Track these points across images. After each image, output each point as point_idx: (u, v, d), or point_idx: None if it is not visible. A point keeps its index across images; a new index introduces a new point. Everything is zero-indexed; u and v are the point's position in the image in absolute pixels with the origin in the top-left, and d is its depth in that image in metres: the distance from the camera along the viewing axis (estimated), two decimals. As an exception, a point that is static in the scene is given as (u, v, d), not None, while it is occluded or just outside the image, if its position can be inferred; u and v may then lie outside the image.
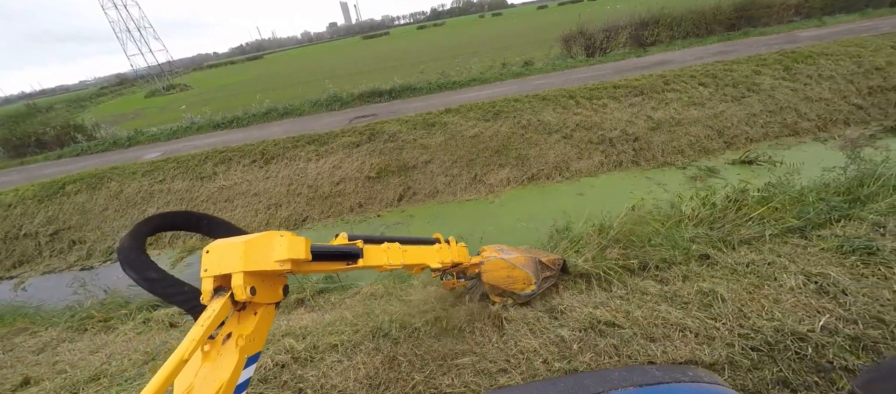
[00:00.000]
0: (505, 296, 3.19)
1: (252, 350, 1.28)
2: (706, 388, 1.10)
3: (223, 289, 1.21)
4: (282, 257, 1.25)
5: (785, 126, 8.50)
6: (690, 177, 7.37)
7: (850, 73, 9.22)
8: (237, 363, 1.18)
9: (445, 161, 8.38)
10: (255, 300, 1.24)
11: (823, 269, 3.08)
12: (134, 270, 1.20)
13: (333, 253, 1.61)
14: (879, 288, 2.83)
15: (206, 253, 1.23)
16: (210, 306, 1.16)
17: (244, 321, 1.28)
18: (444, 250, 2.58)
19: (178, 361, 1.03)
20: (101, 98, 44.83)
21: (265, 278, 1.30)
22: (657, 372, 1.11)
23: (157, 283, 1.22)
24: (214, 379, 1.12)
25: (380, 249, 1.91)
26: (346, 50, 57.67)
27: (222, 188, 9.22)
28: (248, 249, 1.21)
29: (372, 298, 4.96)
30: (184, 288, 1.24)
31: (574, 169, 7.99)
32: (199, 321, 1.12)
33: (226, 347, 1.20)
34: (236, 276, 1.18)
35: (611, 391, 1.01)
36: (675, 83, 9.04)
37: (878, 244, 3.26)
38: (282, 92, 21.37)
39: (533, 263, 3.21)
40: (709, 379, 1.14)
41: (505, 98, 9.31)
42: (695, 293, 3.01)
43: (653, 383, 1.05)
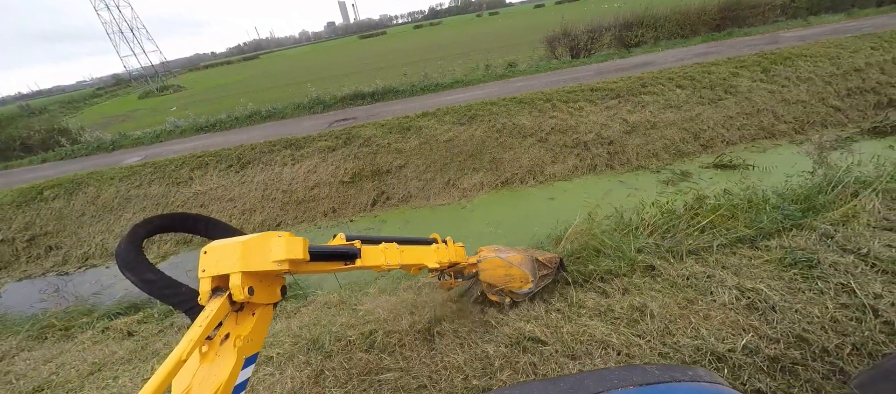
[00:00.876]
0: (502, 295, 3.21)
1: (250, 351, 1.28)
2: (706, 387, 1.11)
3: (221, 289, 1.21)
4: (280, 258, 1.25)
5: (762, 129, 8.46)
6: (663, 181, 7.33)
7: (829, 75, 9.17)
8: (235, 364, 1.18)
9: (420, 165, 8.34)
10: (253, 301, 1.24)
11: (759, 283, 3.04)
12: (131, 271, 1.21)
13: (331, 253, 1.60)
14: (812, 304, 2.80)
15: (204, 254, 1.23)
16: (208, 307, 1.16)
17: (242, 322, 1.28)
18: (441, 250, 2.58)
19: (176, 361, 1.03)
20: (95, 99, 44.72)
21: (263, 279, 1.30)
22: (657, 372, 1.11)
23: (154, 284, 1.22)
24: (212, 380, 1.12)
25: (377, 250, 1.91)
26: (340, 50, 57.57)
27: (198, 193, 9.17)
28: (246, 250, 1.21)
29: (325, 307, 4.93)
30: (181, 289, 1.25)
31: (548, 173, 7.95)
32: (197, 322, 1.12)
33: (224, 347, 1.20)
34: (234, 276, 1.18)
35: (611, 391, 1.01)
36: (653, 85, 8.99)
37: (820, 257, 3.23)
38: (272, 93, 21.32)
39: (530, 261, 3.23)
40: (709, 379, 1.15)
41: (481, 101, 9.26)
42: (627, 308, 2.97)
43: (653, 382, 1.06)
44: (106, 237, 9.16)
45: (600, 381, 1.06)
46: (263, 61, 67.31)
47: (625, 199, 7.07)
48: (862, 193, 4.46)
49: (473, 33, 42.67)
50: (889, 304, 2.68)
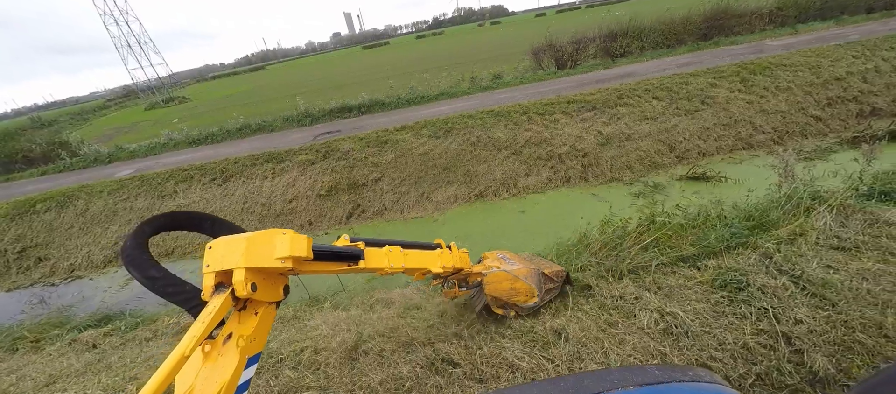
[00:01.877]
0: (507, 308, 3.19)
1: (253, 351, 1.28)
2: (707, 388, 1.11)
3: (224, 286, 1.21)
4: (284, 255, 1.26)
5: (739, 139, 8.41)
6: (635, 193, 7.32)
7: (809, 85, 9.11)
8: (238, 364, 1.18)
9: (395, 179, 8.43)
10: (255, 298, 1.24)
11: (683, 306, 3.02)
12: (136, 268, 1.22)
13: (335, 253, 1.62)
14: (729, 330, 2.77)
15: (208, 249, 1.24)
16: (211, 303, 1.16)
17: (245, 322, 1.28)
18: (445, 255, 2.57)
19: (179, 357, 1.03)
20: (104, 111, 45.92)
21: (266, 276, 1.31)
22: (657, 372, 1.12)
23: (158, 281, 1.22)
24: (215, 380, 1.12)
25: (381, 252, 1.92)
26: (343, 61, 58.45)
27: (180, 206, 9.35)
28: (251, 246, 1.22)
29: (278, 321, 5.00)
30: (185, 287, 1.25)
31: (521, 185, 7.98)
32: (200, 318, 1.13)
33: (226, 347, 1.20)
34: (238, 272, 1.19)
35: (611, 391, 1.02)
36: (629, 97, 9.01)
37: (750, 279, 3.19)
38: (270, 105, 21.70)
39: (536, 275, 3.21)
40: (709, 379, 1.15)
41: (459, 115, 9.36)
42: (548, 330, 2.97)
43: (653, 382, 1.07)
44: (92, 249, 9.37)
45: (600, 381, 1.06)
46: (268, 72, 68.61)
47: (595, 212, 7.08)
48: (817, 209, 4.44)
49: (472, 43, 43.08)
50: (806, 331, 2.66)
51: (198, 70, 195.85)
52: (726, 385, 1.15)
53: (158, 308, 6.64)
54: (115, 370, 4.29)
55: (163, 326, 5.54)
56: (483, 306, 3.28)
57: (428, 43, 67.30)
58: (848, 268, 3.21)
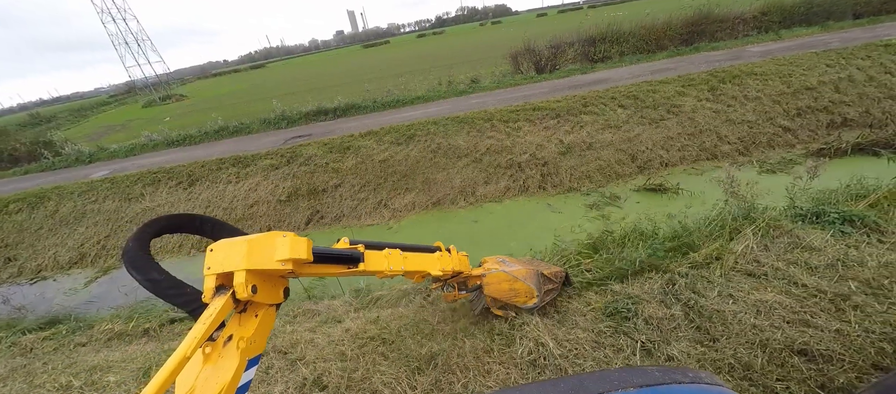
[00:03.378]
0: (507, 309, 3.22)
1: (253, 352, 1.29)
2: (707, 389, 1.11)
3: (225, 288, 1.23)
4: (284, 257, 1.27)
5: (703, 150, 8.29)
6: (590, 204, 7.24)
7: (778, 94, 8.95)
8: (238, 366, 1.19)
9: (355, 185, 8.40)
10: (255, 300, 1.26)
11: (566, 334, 2.96)
12: (137, 271, 1.24)
13: (334, 256, 1.63)
14: (599, 363, 2.71)
15: (209, 252, 1.25)
16: (212, 305, 1.18)
17: (245, 323, 1.29)
18: (444, 258, 2.58)
19: (179, 359, 1.04)
20: (104, 108, 46.32)
21: (267, 278, 1.32)
22: (657, 373, 1.12)
23: (159, 284, 1.24)
24: (216, 381, 1.13)
25: (381, 255, 1.94)
26: (342, 59, 58.52)
27: (146, 209, 9.40)
28: (251, 248, 1.24)
29: None
30: (186, 290, 1.26)
31: (479, 194, 7.93)
32: (201, 319, 1.14)
33: (227, 349, 1.21)
34: (238, 274, 1.20)
35: (611, 392, 1.02)
36: (594, 105, 8.91)
37: (639, 308, 3.13)
38: (259, 105, 21.77)
39: (535, 275, 3.22)
40: (709, 380, 1.15)
41: (423, 121, 9.31)
42: (423, 355, 2.93)
43: (653, 383, 1.07)
44: (59, 250, 9.43)
45: (600, 382, 1.06)
46: (268, 70, 68.86)
47: (547, 223, 7.01)
48: (744, 231, 4.34)
49: (469, 43, 42.95)
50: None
51: (201, 67, 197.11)
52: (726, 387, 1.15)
53: (104, 313, 6.68)
54: (37, 376, 4.33)
55: (97, 332, 5.57)
56: (483, 307, 3.31)
57: (427, 42, 67.21)
58: (748, 298, 3.14)
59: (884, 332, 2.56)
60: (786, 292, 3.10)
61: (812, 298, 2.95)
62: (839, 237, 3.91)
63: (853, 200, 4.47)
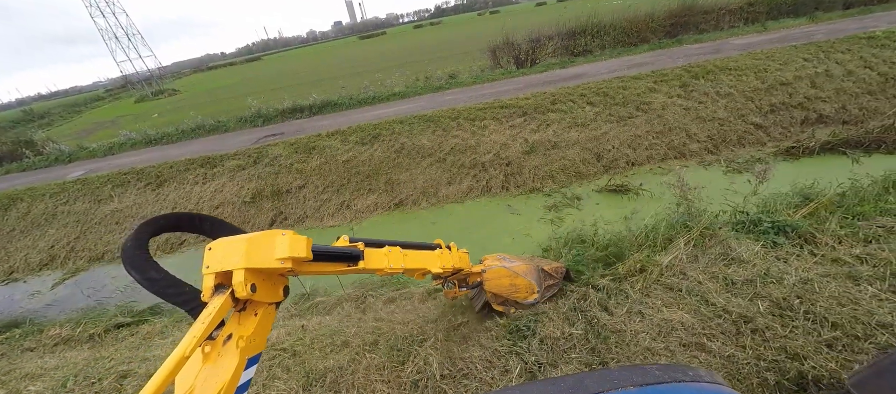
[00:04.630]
0: (508, 305, 3.22)
1: (252, 351, 1.29)
2: (707, 387, 1.12)
3: (224, 287, 1.22)
4: (283, 255, 1.27)
5: (671, 148, 8.14)
6: (549, 206, 7.14)
7: (752, 90, 8.74)
8: (238, 365, 1.18)
9: (318, 186, 8.34)
10: (255, 298, 1.25)
11: (461, 352, 2.90)
12: (136, 269, 1.23)
13: (334, 254, 1.64)
14: (486, 385, 2.64)
15: (208, 250, 1.25)
16: (211, 303, 1.17)
17: (244, 322, 1.29)
18: (445, 256, 2.59)
19: (179, 358, 1.04)
20: (97, 103, 46.21)
21: (266, 277, 1.32)
22: (657, 371, 1.12)
23: (157, 282, 1.24)
24: (215, 381, 1.13)
25: (381, 253, 1.95)
26: (337, 51, 57.97)
27: (115, 211, 9.39)
28: (250, 247, 1.23)
29: (147, 338, 5.02)
30: (184, 288, 1.26)
31: (442, 194, 7.85)
32: (200, 318, 1.13)
33: (226, 348, 1.21)
34: (237, 272, 1.19)
35: (611, 391, 1.03)
36: (563, 102, 8.75)
37: (538, 327, 3.05)
38: (245, 101, 21.62)
39: (535, 271, 3.24)
40: (709, 379, 1.16)
41: (388, 120, 9.19)
42: (320, 369, 2.90)
43: (653, 382, 1.07)
44: (30, 252, 9.45)
45: (601, 381, 1.06)
46: (264, 63, 68.34)
47: (506, 225, 6.93)
48: (677, 240, 4.25)
49: (464, 33, 42.36)
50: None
51: (198, 59, 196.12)
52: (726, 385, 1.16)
53: (62, 316, 6.71)
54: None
55: (46, 337, 5.60)
56: (483, 303, 3.31)
57: (424, 33, 66.35)
58: (656, 316, 3.07)
59: (774, 360, 2.49)
60: (694, 311, 3.02)
61: (717, 318, 2.87)
62: (771, 248, 3.83)
63: (794, 208, 4.35)
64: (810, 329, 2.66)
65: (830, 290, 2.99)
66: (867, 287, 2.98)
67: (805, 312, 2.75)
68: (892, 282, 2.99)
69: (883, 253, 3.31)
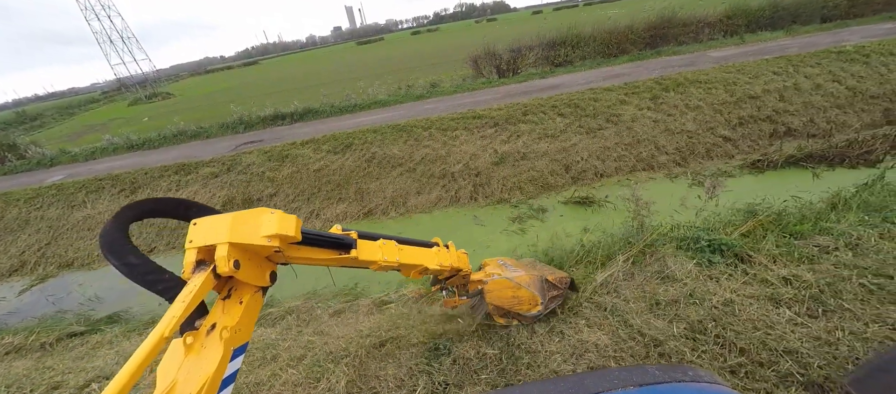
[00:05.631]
0: (509, 317, 3.12)
1: (238, 342, 1.22)
2: (707, 387, 1.12)
3: (206, 263, 1.17)
4: (270, 233, 1.22)
5: (640, 160, 8.20)
6: (514, 217, 7.17)
7: (721, 103, 8.85)
8: (223, 356, 1.12)
9: (289, 194, 8.35)
10: (239, 278, 1.20)
11: (367, 372, 2.91)
12: (114, 254, 1.17)
13: (325, 239, 1.57)
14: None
15: (193, 225, 1.21)
16: (191, 281, 1.12)
17: (229, 311, 1.23)
18: (442, 254, 2.49)
19: (157, 338, 0.98)
20: (92, 105, 46.21)
21: (252, 256, 1.26)
22: (657, 372, 1.13)
23: (136, 268, 1.17)
24: (199, 374, 1.07)
25: (375, 245, 1.88)
26: (334, 57, 58.29)
27: (87, 217, 9.36)
28: (236, 222, 1.20)
29: (94, 348, 5.00)
30: (164, 275, 1.20)
31: (411, 204, 7.87)
32: (180, 297, 1.07)
33: (210, 339, 1.15)
34: (220, 247, 1.14)
35: (611, 391, 1.03)
36: (534, 113, 8.83)
37: (453, 347, 3.06)
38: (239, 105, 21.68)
39: (539, 282, 3.14)
40: (709, 379, 1.15)
41: (362, 129, 9.25)
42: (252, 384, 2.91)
43: (653, 382, 1.07)
44: (1, 258, 9.39)
45: (601, 381, 1.06)
46: (261, 67, 68.60)
47: (470, 237, 6.95)
48: (616, 257, 4.27)
49: (462, 40, 42.62)
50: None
51: (197, 62, 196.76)
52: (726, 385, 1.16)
53: (22, 324, 6.66)
54: None
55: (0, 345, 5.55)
56: (484, 314, 3.22)
57: (421, 39, 66.87)
58: (575, 337, 3.08)
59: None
60: (612, 332, 3.04)
61: (631, 340, 2.89)
62: (705, 267, 3.85)
63: (736, 225, 4.38)
64: (718, 354, 2.68)
65: (749, 313, 3.01)
66: (786, 310, 3.00)
67: (716, 335, 2.77)
68: (810, 305, 3.02)
69: (808, 275, 3.34)
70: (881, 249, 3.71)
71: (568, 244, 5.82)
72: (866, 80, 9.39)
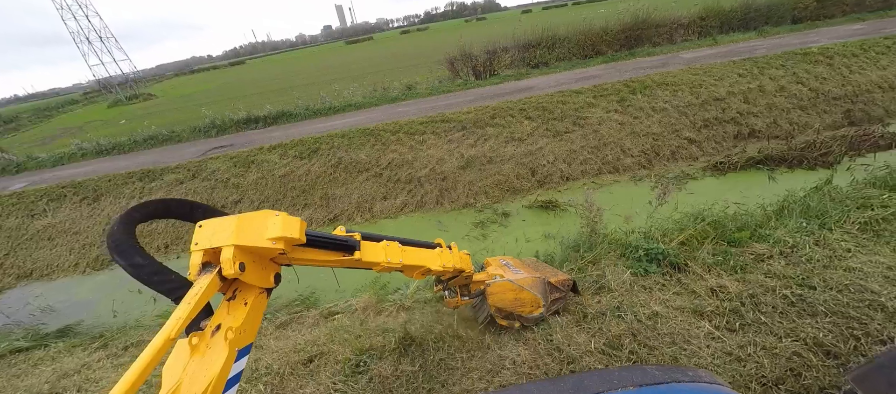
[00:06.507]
0: (512, 319, 3.14)
1: (242, 343, 1.23)
2: (706, 388, 1.12)
3: (212, 265, 1.18)
4: (275, 235, 1.23)
5: (606, 163, 8.24)
6: (477, 222, 7.15)
7: (686, 105, 8.93)
8: (227, 357, 1.13)
9: (255, 200, 8.23)
10: (244, 279, 1.21)
11: (286, 389, 2.87)
12: (121, 255, 1.18)
13: (329, 240, 1.57)
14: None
15: (199, 227, 1.22)
16: (197, 283, 1.13)
17: (234, 312, 1.23)
18: (445, 255, 2.51)
19: (163, 339, 0.99)
20: (70, 107, 45.02)
21: (257, 258, 1.27)
22: (657, 372, 1.12)
23: (143, 269, 1.18)
24: (204, 374, 1.08)
25: (378, 246, 1.88)
26: (321, 56, 57.71)
27: (48, 226, 9.12)
28: (242, 224, 1.21)
29: (36, 364, 4.87)
30: (170, 276, 1.21)
31: (377, 209, 7.81)
32: (186, 299, 1.08)
33: (215, 340, 1.15)
34: (226, 249, 1.15)
35: (611, 391, 1.02)
36: (502, 117, 8.82)
37: (372, 364, 3.02)
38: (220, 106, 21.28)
39: (541, 284, 3.15)
40: (709, 379, 1.15)
41: (330, 133, 9.14)
42: None
43: (653, 382, 1.07)
44: (-43, 270, 9.08)
45: (601, 381, 1.06)
46: (247, 67, 67.61)
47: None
48: (562, 268, 4.27)
49: (446, 40, 42.51)
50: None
51: (184, 62, 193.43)
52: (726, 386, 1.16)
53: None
54: None
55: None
56: (487, 316, 3.24)
57: (409, 38, 66.52)
58: (496, 352, 3.06)
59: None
60: (534, 348, 3.03)
61: (548, 356, 2.88)
62: (641, 276, 3.87)
63: (677, 233, 4.41)
64: (629, 367, 2.69)
65: (671, 326, 3.03)
66: (706, 324, 3.02)
67: (630, 352, 2.77)
68: (730, 318, 3.04)
69: (734, 286, 3.37)
70: (812, 257, 3.78)
71: (527, 251, 5.84)
72: (828, 82, 9.56)
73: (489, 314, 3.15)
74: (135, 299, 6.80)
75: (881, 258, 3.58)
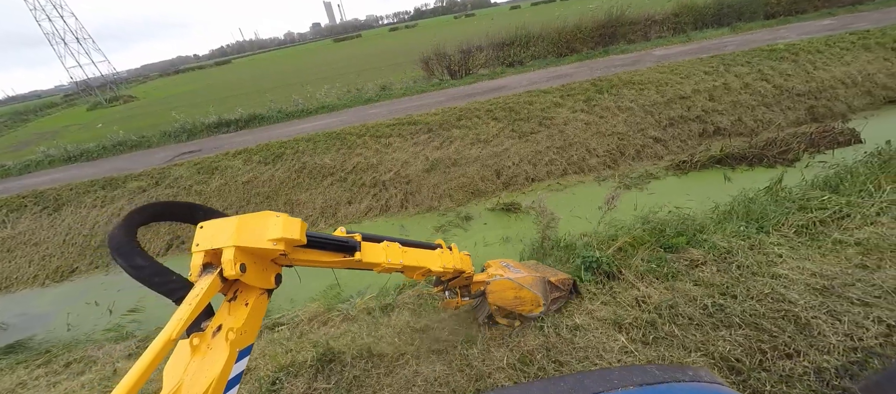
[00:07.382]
0: (512, 318, 3.13)
1: (243, 343, 1.23)
2: (706, 387, 1.12)
3: (213, 266, 1.19)
4: (276, 236, 1.23)
5: (571, 163, 8.26)
6: (440, 226, 7.12)
7: (651, 104, 8.98)
8: (228, 357, 1.13)
9: (217, 208, 8.08)
10: (245, 281, 1.21)
11: None
12: (122, 257, 1.18)
13: (329, 241, 1.57)
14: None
15: (200, 229, 1.23)
16: (198, 284, 1.14)
17: (235, 313, 1.24)
18: (446, 255, 2.50)
19: (164, 341, 0.99)
20: (49, 110, 43.97)
21: (257, 259, 1.27)
22: (657, 371, 1.12)
23: (143, 270, 1.19)
24: (205, 375, 1.08)
25: (379, 247, 1.88)
26: (308, 55, 57.06)
27: (6, 238, 8.90)
28: (242, 225, 1.21)
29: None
30: (171, 277, 1.21)
31: (341, 215, 7.75)
32: (187, 299, 1.09)
33: (216, 340, 1.16)
34: (227, 250, 1.16)
35: (611, 391, 1.02)
36: (468, 118, 8.78)
37: (287, 380, 2.98)
38: (196, 109, 20.91)
39: (541, 283, 3.15)
40: (709, 378, 1.16)
41: (294, 138, 9.05)
42: None
43: (653, 382, 1.07)
44: (-88, 284, 8.84)
45: (601, 381, 1.06)
46: (233, 66, 66.65)
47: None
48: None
49: (432, 37, 42.30)
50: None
51: (170, 61, 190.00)
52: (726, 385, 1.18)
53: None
54: None
55: None
56: (487, 315, 3.23)
57: (398, 36, 66.02)
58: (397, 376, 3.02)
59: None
60: (450, 362, 3.01)
61: (459, 373, 2.87)
62: (577, 284, 3.87)
63: (615, 239, 4.41)
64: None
65: (588, 339, 3.03)
66: (622, 336, 3.02)
67: (539, 368, 2.77)
68: (645, 330, 3.05)
69: (655, 295, 3.37)
70: (744, 263, 3.78)
71: (482, 257, 5.81)
72: (793, 78, 9.67)
73: (489, 313, 3.19)
74: (91, 312, 6.69)
75: (808, 264, 3.59)
